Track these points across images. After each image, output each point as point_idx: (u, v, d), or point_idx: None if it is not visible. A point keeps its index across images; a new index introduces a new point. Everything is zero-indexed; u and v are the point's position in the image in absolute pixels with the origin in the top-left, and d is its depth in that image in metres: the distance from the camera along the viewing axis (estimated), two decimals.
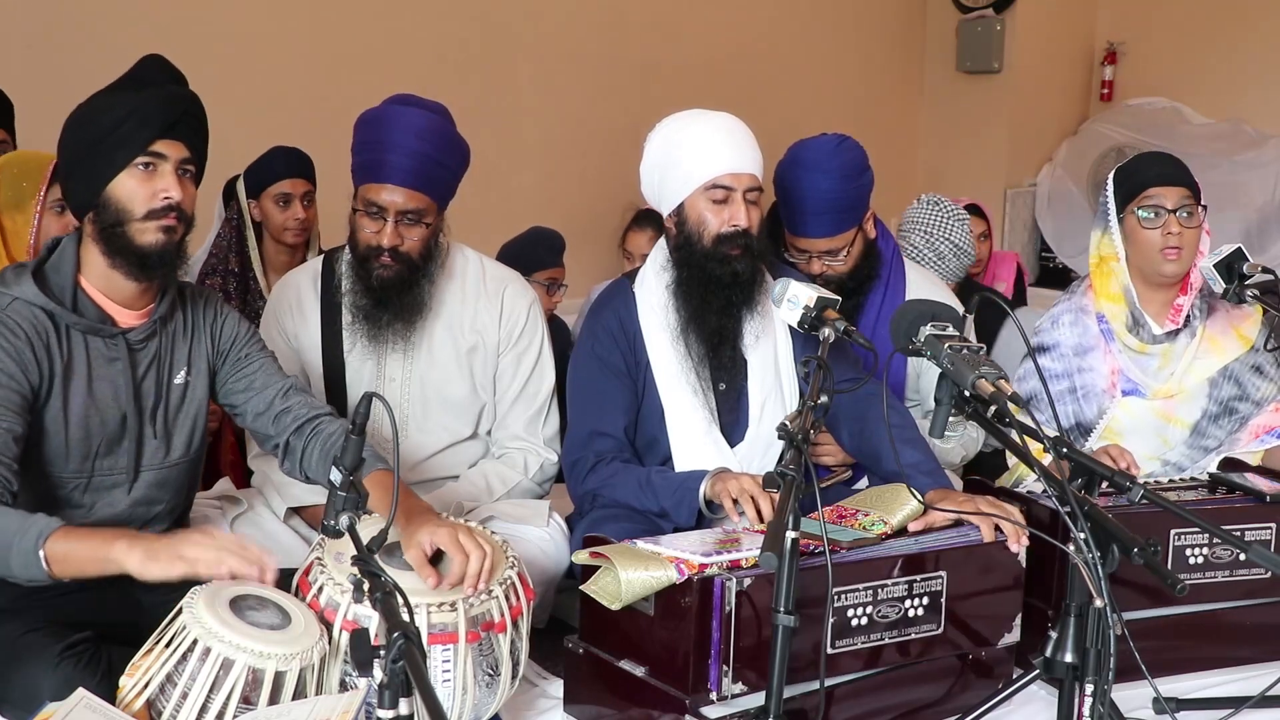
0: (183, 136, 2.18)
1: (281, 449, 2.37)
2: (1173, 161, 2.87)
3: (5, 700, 1.97)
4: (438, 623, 1.99)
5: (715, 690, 2.09)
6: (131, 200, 2.12)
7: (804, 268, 2.96)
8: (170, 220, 2.14)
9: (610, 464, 2.66)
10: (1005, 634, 2.39)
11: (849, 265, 2.97)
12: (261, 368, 2.39)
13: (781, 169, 2.99)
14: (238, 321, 2.40)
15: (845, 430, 2.72)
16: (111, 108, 2.14)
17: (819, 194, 2.88)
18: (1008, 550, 2.34)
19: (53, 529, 1.93)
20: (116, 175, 2.12)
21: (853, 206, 2.93)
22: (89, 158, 2.14)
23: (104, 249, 2.15)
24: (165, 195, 2.14)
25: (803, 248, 2.96)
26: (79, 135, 2.16)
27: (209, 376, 2.35)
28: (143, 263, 2.14)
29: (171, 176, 2.15)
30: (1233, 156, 5.98)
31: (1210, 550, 2.51)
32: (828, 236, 2.93)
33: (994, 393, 1.96)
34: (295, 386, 2.41)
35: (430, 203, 2.65)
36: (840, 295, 2.97)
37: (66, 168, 2.21)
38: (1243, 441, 2.88)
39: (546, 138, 5.31)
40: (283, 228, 3.62)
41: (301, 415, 2.35)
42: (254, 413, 2.38)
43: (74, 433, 2.16)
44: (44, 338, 2.12)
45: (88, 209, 2.15)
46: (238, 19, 4.46)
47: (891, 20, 6.60)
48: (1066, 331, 2.95)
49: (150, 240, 2.13)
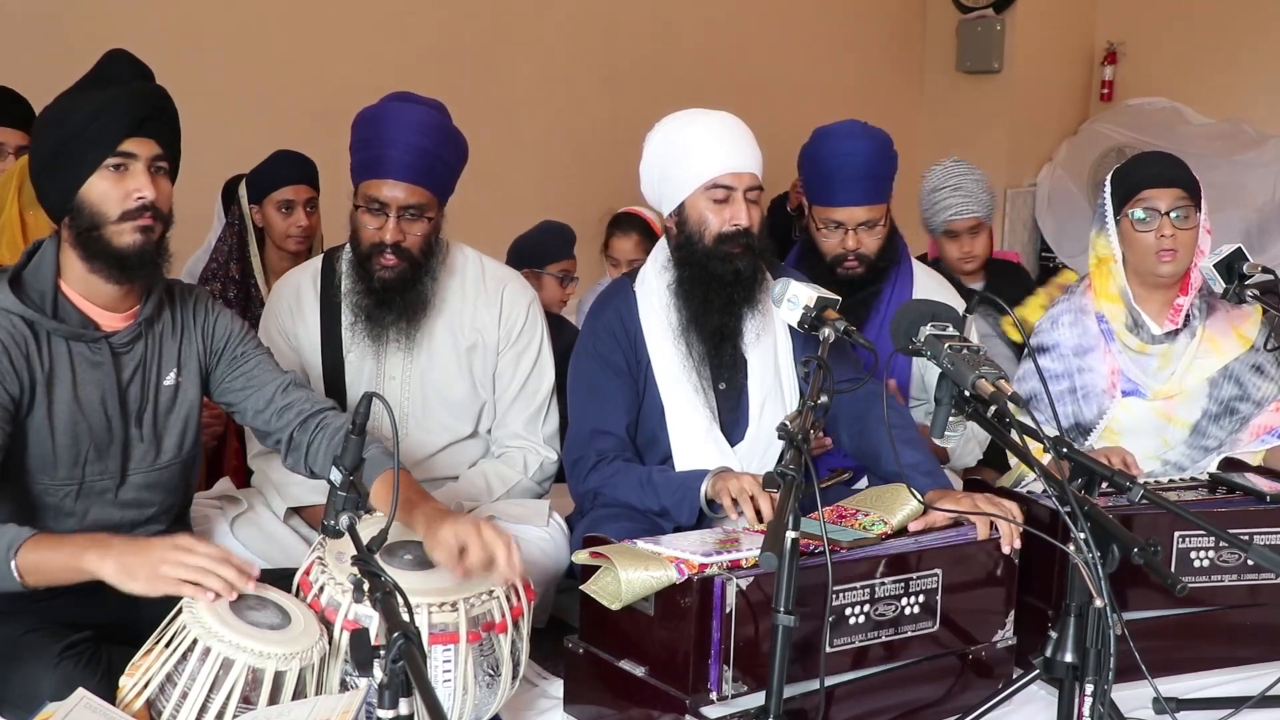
0: (153, 133, 2.12)
1: (285, 445, 2.35)
2: (1169, 162, 2.86)
3: (5, 700, 1.96)
4: (438, 623, 1.99)
5: (715, 690, 2.09)
6: (105, 202, 2.08)
7: (837, 245, 3.00)
8: (146, 220, 2.10)
9: (612, 463, 2.66)
10: (998, 630, 2.40)
11: (880, 242, 3.03)
12: (259, 364, 2.36)
13: (810, 147, 3.07)
14: (230, 319, 2.36)
15: (845, 430, 2.72)
16: (77, 108, 2.09)
17: (856, 158, 2.96)
18: (999, 547, 2.35)
19: (23, 539, 1.91)
20: (88, 178, 2.08)
21: (886, 175, 3.02)
22: (58, 161, 2.09)
23: (81, 253, 2.11)
24: (139, 195, 2.09)
25: (840, 219, 3.00)
26: (47, 138, 2.11)
27: (202, 376, 2.32)
28: (122, 265, 2.10)
29: (144, 175, 2.10)
30: (1233, 156, 5.98)
31: (1217, 553, 2.51)
32: (866, 205, 2.99)
33: (994, 393, 1.96)
34: (295, 381, 2.38)
35: (431, 197, 2.65)
36: (858, 286, 3.01)
37: (37, 172, 2.16)
38: (1243, 441, 2.88)
39: (546, 138, 5.31)
40: (285, 235, 3.61)
41: (305, 410, 2.33)
42: (254, 410, 2.35)
43: (60, 440, 2.13)
44: (23, 347, 2.08)
45: (63, 213, 2.12)
46: (237, 19, 4.46)
47: (891, 20, 6.60)
48: (1066, 332, 2.95)
49: (127, 242, 2.09)
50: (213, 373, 2.35)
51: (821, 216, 3.04)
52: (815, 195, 3.07)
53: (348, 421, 2.09)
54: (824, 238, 3.04)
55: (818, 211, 3.05)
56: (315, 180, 3.67)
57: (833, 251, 3.03)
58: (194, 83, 4.27)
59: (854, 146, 2.98)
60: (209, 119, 4.26)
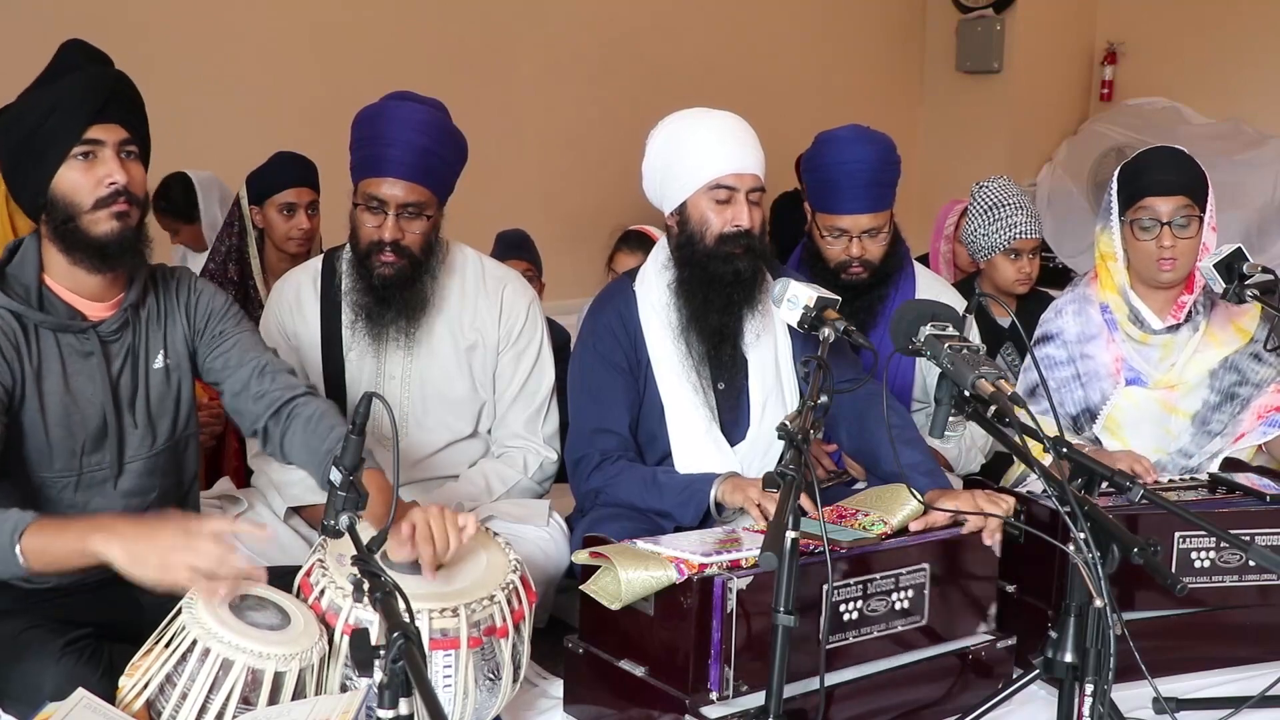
0: (116, 118, 2.10)
1: (261, 434, 2.33)
2: (1174, 166, 2.84)
3: (7, 696, 1.96)
4: (439, 628, 1.98)
5: (715, 690, 2.09)
6: (77, 193, 2.07)
7: (841, 253, 3.00)
8: (121, 205, 2.09)
9: (615, 462, 2.66)
10: (982, 624, 2.42)
11: (884, 249, 3.02)
12: (237, 344, 2.33)
13: (813, 153, 3.05)
14: (213, 295, 2.34)
15: (845, 430, 2.72)
16: (36, 102, 2.08)
17: (860, 164, 2.94)
18: (981, 541, 2.37)
19: (27, 523, 1.90)
20: (56, 170, 2.07)
21: (890, 182, 3.01)
22: (24, 158, 2.08)
23: (61, 246, 2.10)
24: (110, 181, 2.08)
25: (844, 227, 2.99)
26: (10, 136, 2.10)
27: (190, 357, 2.31)
28: (102, 254, 2.10)
29: (114, 161, 2.09)
30: (1233, 156, 5.98)
31: (1217, 554, 2.51)
32: (871, 212, 2.97)
33: (994, 393, 1.96)
34: (270, 365, 2.34)
35: (430, 195, 2.65)
36: (861, 290, 3.01)
37: (7, 172, 2.14)
38: (1246, 423, 2.88)
39: (546, 138, 5.31)
40: (286, 237, 3.61)
41: (278, 399, 2.30)
42: (231, 392, 2.33)
43: (55, 432, 2.13)
44: (12, 340, 2.08)
45: (38, 209, 2.11)
46: (237, 19, 4.46)
47: (891, 20, 6.60)
48: (1070, 320, 2.97)
49: (105, 230, 2.08)
50: (197, 351, 2.33)
51: (826, 224, 3.02)
52: (819, 202, 3.05)
53: (347, 421, 2.09)
54: (828, 245, 3.02)
55: (822, 218, 3.04)
56: (316, 182, 3.67)
57: (837, 258, 3.02)
58: (194, 83, 4.29)
59: (858, 154, 2.95)
60: (209, 119, 4.28)
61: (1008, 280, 3.74)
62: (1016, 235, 3.69)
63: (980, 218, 3.73)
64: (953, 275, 4.28)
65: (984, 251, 3.74)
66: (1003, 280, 3.75)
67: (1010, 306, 3.74)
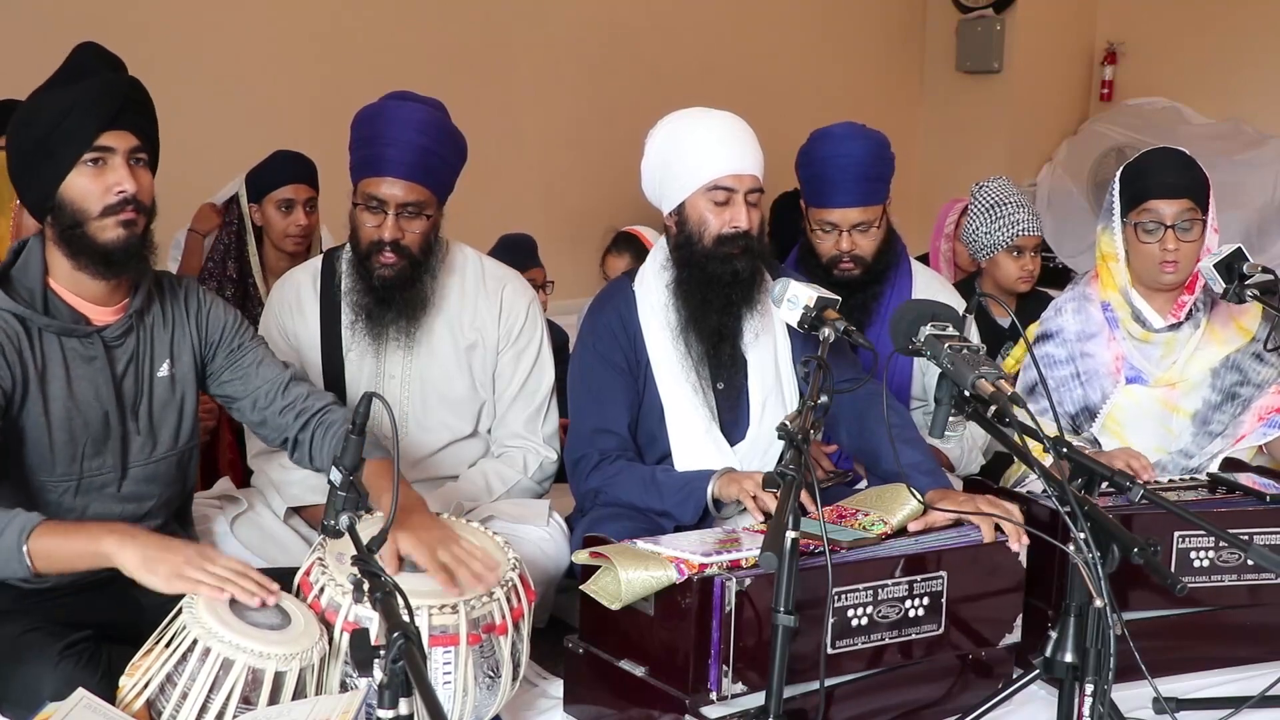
0: (129, 125, 2.10)
1: (291, 444, 2.35)
2: (1176, 168, 2.84)
3: (6, 699, 1.96)
4: (439, 625, 1.98)
5: (715, 690, 2.09)
6: (86, 199, 2.07)
7: (832, 247, 3.00)
8: (129, 214, 2.09)
9: (615, 462, 2.66)
10: (1006, 635, 2.39)
11: (876, 244, 3.02)
12: (256, 359, 2.35)
13: (808, 148, 3.07)
14: (224, 309, 2.35)
15: (845, 430, 2.72)
16: (49, 106, 2.07)
17: (852, 159, 2.96)
18: (1008, 551, 2.34)
19: (34, 524, 1.90)
20: (66, 174, 2.06)
21: (881, 177, 3.02)
22: (36, 160, 2.08)
23: (66, 251, 2.09)
24: (119, 189, 2.08)
25: (834, 221, 3.01)
26: (23, 138, 2.09)
27: (197, 367, 2.31)
28: (107, 260, 2.09)
29: (123, 168, 2.08)
30: (1233, 156, 5.97)
31: (1216, 553, 2.51)
32: (860, 206, 2.99)
33: (994, 393, 1.96)
34: (295, 377, 2.37)
35: (430, 195, 2.65)
36: (856, 287, 3.01)
37: (16, 172, 2.13)
38: (1246, 424, 2.88)
39: (546, 138, 5.31)
40: (284, 234, 3.61)
41: (309, 408, 2.33)
42: (252, 406, 2.35)
43: (57, 436, 2.13)
44: (15, 342, 2.08)
45: (45, 211, 2.10)
46: (238, 19, 4.46)
47: (891, 20, 6.60)
48: (1070, 318, 2.97)
49: (111, 237, 2.08)
50: (209, 364, 2.33)
51: (816, 218, 3.04)
52: (810, 196, 3.07)
53: (347, 421, 2.09)
54: (819, 239, 3.04)
55: (813, 213, 3.06)
56: (315, 180, 3.67)
57: (828, 253, 3.03)
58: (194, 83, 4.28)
59: (849, 148, 2.98)
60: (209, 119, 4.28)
61: (1010, 278, 3.74)
62: (1019, 232, 3.69)
63: (982, 216, 3.74)
64: (953, 274, 4.28)
65: (986, 250, 3.75)
66: (1005, 278, 3.75)
67: (1010, 306, 3.74)
